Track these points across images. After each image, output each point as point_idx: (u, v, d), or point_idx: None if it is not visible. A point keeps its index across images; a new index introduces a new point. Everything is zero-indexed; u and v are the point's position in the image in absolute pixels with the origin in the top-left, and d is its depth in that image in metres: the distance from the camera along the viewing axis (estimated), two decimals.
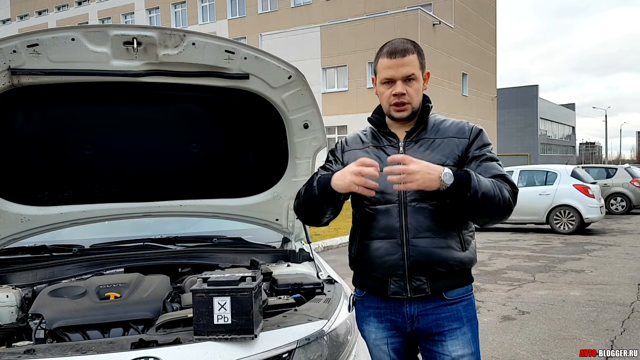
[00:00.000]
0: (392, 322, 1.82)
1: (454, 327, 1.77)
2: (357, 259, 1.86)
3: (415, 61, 1.75)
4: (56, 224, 2.30)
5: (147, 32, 1.80)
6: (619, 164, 37.13)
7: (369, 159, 1.61)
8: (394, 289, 1.77)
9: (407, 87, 1.74)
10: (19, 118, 1.97)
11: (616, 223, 13.08)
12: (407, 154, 1.75)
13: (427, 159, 1.72)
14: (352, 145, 1.91)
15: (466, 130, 1.80)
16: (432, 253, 1.72)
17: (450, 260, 1.73)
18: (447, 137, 1.78)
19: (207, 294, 1.55)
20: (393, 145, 1.82)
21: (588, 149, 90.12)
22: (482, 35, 31.59)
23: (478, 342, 1.82)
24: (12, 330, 1.83)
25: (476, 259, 1.83)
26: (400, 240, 1.73)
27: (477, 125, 1.84)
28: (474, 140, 1.78)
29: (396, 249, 1.73)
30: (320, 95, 25.74)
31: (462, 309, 1.78)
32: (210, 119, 2.25)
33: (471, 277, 1.85)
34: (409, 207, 1.73)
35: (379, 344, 1.86)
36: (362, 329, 1.92)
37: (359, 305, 1.93)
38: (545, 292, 6.02)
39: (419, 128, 1.82)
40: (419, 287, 1.74)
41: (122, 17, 39.85)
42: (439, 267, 1.73)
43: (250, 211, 2.53)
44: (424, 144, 1.79)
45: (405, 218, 1.73)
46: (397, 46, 1.75)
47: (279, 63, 1.99)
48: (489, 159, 1.75)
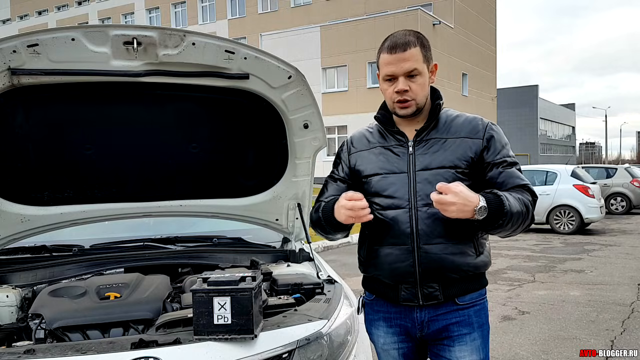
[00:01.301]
0: (402, 327, 1.77)
1: (464, 332, 1.71)
2: (367, 263, 1.80)
3: (417, 55, 1.65)
4: (56, 224, 2.30)
5: (147, 32, 1.80)
6: (619, 164, 37.10)
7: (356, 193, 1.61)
8: (405, 296, 1.71)
9: (410, 82, 1.65)
10: (19, 118, 1.97)
11: (616, 223, 13.07)
12: (417, 154, 1.70)
13: (438, 161, 1.68)
14: (358, 146, 1.84)
15: (480, 130, 1.70)
16: (445, 260, 1.65)
17: (464, 267, 1.67)
18: (459, 137, 1.69)
19: (207, 294, 1.55)
20: (402, 145, 1.74)
21: (588, 149, 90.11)
22: (482, 35, 31.60)
23: (488, 349, 1.76)
24: (12, 330, 1.83)
25: (491, 261, 1.77)
26: (411, 246, 1.66)
27: (491, 123, 1.75)
28: (490, 142, 1.69)
29: (407, 256, 1.67)
30: (320, 95, 25.75)
31: (473, 314, 1.73)
32: (210, 119, 2.25)
33: (485, 280, 1.79)
34: (420, 212, 1.65)
35: (388, 349, 1.82)
36: (370, 333, 1.88)
37: (368, 308, 1.87)
38: (545, 292, 6.02)
39: (430, 127, 1.73)
40: (431, 295, 1.68)
41: (122, 17, 39.85)
42: (452, 274, 1.67)
43: (250, 211, 2.53)
44: (434, 144, 1.70)
45: (416, 224, 1.65)
46: (397, 40, 1.66)
47: (279, 63, 1.99)
48: (510, 165, 1.68)
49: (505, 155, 1.70)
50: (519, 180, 1.67)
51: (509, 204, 1.54)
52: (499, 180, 1.66)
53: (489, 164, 1.68)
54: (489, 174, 1.68)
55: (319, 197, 1.89)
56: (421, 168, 1.69)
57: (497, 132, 1.73)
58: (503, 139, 1.73)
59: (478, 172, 1.69)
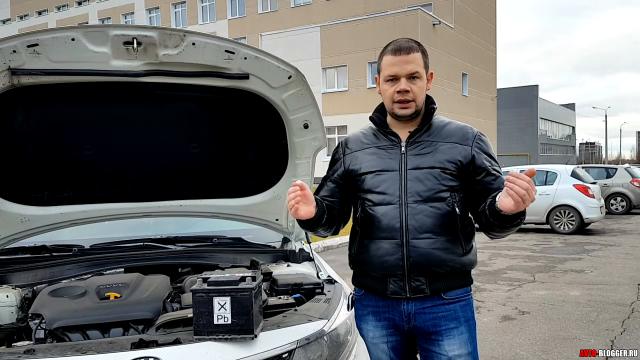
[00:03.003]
0: (390, 320, 1.83)
1: (451, 326, 1.77)
2: (357, 258, 1.87)
3: (419, 59, 1.76)
4: (56, 224, 2.30)
5: (147, 32, 1.80)
6: (619, 164, 37.13)
7: (297, 183, 1.65)
8: (393, 289, 1.78)
9: (411, 84, 1.74)
10: (19, 118, 1.97)
11: (616, 223, 13.08)
12: (409, 155, 1.77)
13: (429, 162, 1.75)
14: (352, 147, 1.91)
15: (469, 138, 1.80)
16: (432, 254, 1.72)
17: (451, 262, 1.74)
18: (450, 142, 1.78)
19: (207, 294, 1.55)
20: (394, 145, 1.82)
21: (588, 149, 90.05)
22: (482, 35, 31.60)
23: (475, 343, 1.83)
24: (12, 330, 1.83)
25: (477, 260, 1.84)
26: (401, 240, 1.73)
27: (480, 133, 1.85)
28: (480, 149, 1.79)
29: (396, 250, 1.74)
30: (320, 95, 25.75)
31: (459, 309, 1.79)
32: (210, 119, 2.25)
33: (471, 279, 1.86)
34: (410, 207, 1.73)
35: (377, 342, 1.87)
36: (360, 328, 1.93)
37: (358, 304, 1.94)
38: (545, 292, 6.02)
39: (422, 129, 1.82)
40: (418, 288, 1.75)
41: (122, 17, 39.86)
42: (438, 269, 1.74)
43: (250, 211, 2.53)
44: (426, 147, 1.79)
45: (406, 219, 1.73)
46: (401, 44, 1.76)
47: (279, 63, 1.99)
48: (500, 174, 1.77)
49: (495, 164, 1.80)
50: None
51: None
52: (494, 185, 1.74)
53: (483, 170, 1.76)
54: (485, 179, 1.75)
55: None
56: (412, 167, 1.77)
57: (486, 143, 1.84)
58: (491, 149, 1.84)
59: (465, 176, 1.77)
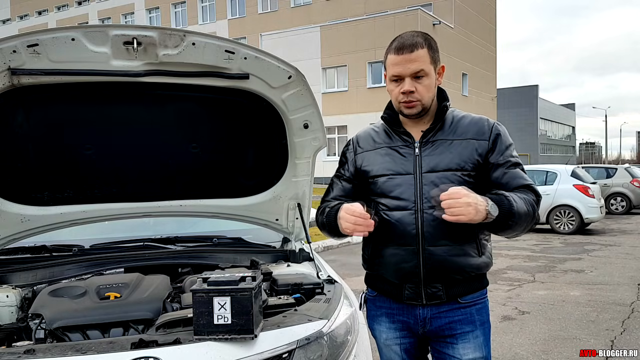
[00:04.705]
0: (404, 323, 1.80)
1: (467, 330, 1.73)
2: (371, 261, 1.83)
3: (424, 56, 1.66)
4: (56, 224, 2.30)
5: (147, 32, 1.80)
6: (619, 164, 37.10)
7: (356, 208, 1.61)
8: (409, 295, 1.74)
9: (416, 84, 1.66)
10: (19, 118, 1.97)
11: (616, 223, 13.08)
12: (423, 156, 1.72)
13: (445, 163, 1.69)
14: (364, 146, 1.85)
15: (486, 131, 1.72)
16: (449, 261, 1.67)
17: (467, 267, 1.70)
18: (465, 139, 1.71)
19: (207, 294, 1.55)
20: (408, 145, 1.75)
21: (588, 149, 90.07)
22: (482, 35, 31.60)
23: (490, 346, 1.79)
24: (12, 330, 1.83)
25: (492, 262, 1.80)
26: (417, 248, 1.68)
27: (497, 123, 1.76)
28: (495, 143, 1.71)
29: (412, 257, 1.69)
30: (320, 95, 25.75)
31: (475, 312, 1.75)
32: (210, 119, 2.25)
33: (487, 281, 1.82)
34: (425, 214, 1.67)
35: (390, 344, 1.84)
36: (372, 328, 1.91)
37: (370, 304, 1.90)
38: (545, 292, 6.02)
39: (436, 128, 1.74)
40: (434, 294, 1.71)
41: (122, 17, 39.86)
42: (455, 275, 1.70)
43: (250, 211, 2.53)
44: (441, 146, 1.71)
45: (422, 226, 1.68)
46: (405, 41, 1.67)
47: (279, 63, 1.99)
48: (514, 165, 1.70)
49: (509, 155, 1.71)
50: (523, 180, 1.68)
51: (517, 205, 1.57)
52: (503, 180, 1.67)
53: (493, 165, 1.69)
54: (493, 175, 1.69)
55: (324, 196, 1.92)
56: (427, 170, 1.70)
57: (503, 133, 1.74)
58: (508, 140, 1.74)
59: (483, 173, 1.70)
